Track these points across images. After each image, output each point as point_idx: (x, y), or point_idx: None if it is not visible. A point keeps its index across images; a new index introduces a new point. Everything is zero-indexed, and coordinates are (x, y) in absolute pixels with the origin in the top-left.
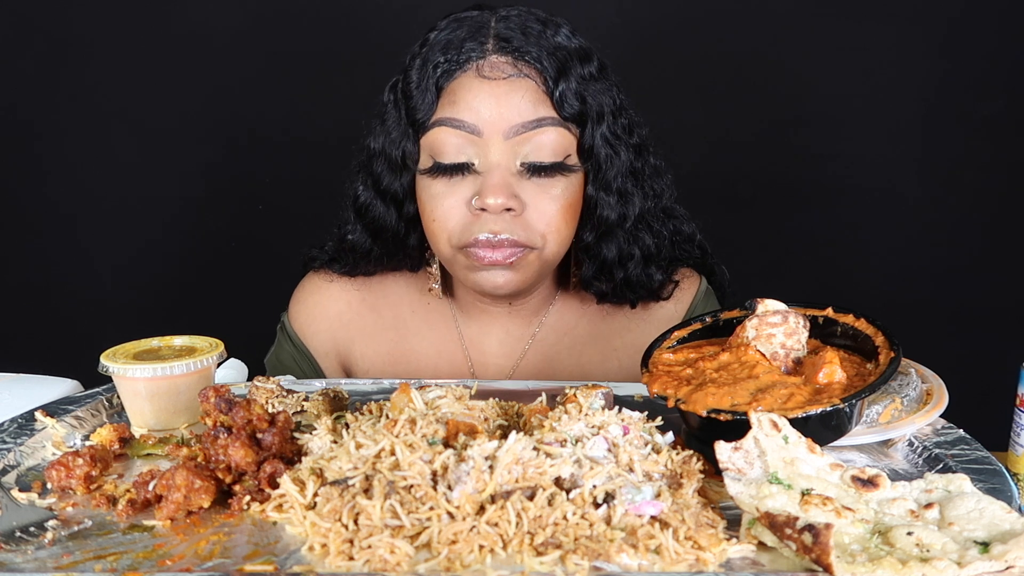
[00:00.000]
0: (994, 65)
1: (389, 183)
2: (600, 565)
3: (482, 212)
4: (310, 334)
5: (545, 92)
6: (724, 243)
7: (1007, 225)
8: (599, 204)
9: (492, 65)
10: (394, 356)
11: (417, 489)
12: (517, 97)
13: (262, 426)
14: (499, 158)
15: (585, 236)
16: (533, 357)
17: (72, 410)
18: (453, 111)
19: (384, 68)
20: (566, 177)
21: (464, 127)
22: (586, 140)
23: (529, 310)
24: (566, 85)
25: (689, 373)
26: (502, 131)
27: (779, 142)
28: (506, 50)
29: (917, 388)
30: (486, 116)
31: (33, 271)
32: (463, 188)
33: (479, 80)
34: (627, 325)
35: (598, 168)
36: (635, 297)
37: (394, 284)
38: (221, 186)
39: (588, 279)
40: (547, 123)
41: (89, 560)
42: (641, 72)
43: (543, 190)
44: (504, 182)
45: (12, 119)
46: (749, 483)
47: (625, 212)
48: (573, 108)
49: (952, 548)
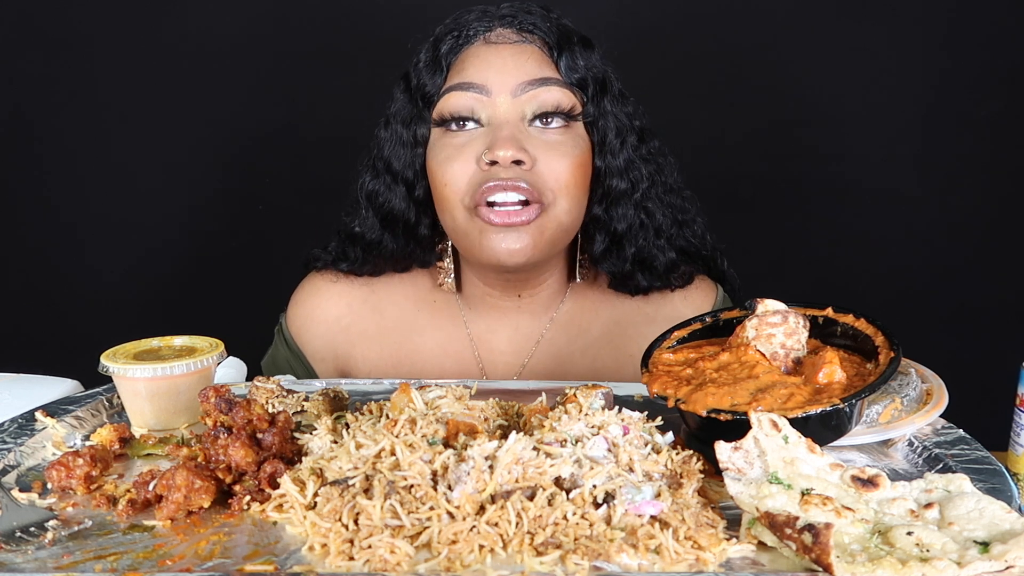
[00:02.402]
0: (994, 65)
1: (400, 164)
2: (600, 565)
3: (492, 166)
4: (306, 338)
5: (549, 57)
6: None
7: (1007, 225)
8: (607, 172)
9: (498, 35)
10: (398, 357)
11: (417, 489)
12: (523, 58)
13: (262, 426)
14: (508, 115)
15: (595, 208)
16: (543, 357)
17: (72, 410)
18: (461, 77)
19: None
20: (574, 139)
21: (473, 88)
22: (590, 108)
23: (539, 305)
24: (569, 54)
25: (689, 373)
26: (510, 88)
27: (779, 142)
28: (511, 24)
29: (917, 388)
30: (493, 76)
31: (33, 271)
32: (472, 146)
33: (486, 46)
34: (642, 330)
35: (604, 137)
36: (648, 279)
37: (399, 283)
38: (221, 186)
39: (600, 255)
40: (552, 82)
41: (89, 560)
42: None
43: (553, 147)
44: (513, 136)
45: (12, 119)
46: (749, 483)
47: (633, 181)
48: (577, 74)
49: (952, 548)
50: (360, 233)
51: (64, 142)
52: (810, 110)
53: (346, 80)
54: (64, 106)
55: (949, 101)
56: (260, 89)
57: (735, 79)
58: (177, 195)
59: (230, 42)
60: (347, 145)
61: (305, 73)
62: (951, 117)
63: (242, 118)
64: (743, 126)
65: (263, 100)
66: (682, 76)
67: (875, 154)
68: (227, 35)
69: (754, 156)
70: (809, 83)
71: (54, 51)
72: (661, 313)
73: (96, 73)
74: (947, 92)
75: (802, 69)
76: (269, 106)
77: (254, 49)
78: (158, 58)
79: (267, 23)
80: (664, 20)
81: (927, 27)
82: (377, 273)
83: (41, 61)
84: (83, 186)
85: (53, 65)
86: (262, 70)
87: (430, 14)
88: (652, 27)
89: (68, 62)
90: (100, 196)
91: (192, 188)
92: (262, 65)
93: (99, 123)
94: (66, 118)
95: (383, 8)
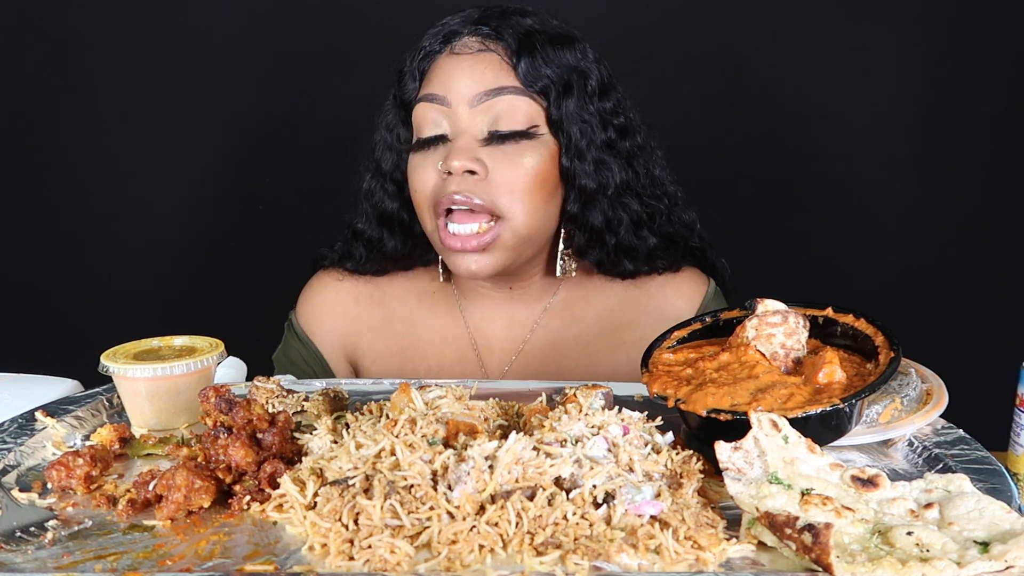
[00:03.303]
0: (994, 65)
1: (388, 166)
2: (600, 565)
3: (448, 176)
4: (317, 331)
5: (509, 64)
6: (724, 243)
7: (1007, 225)
8: (576, 174)
9: (464, 44)
10: (401, 347)
11: (417, 489)
12: (481, 67)
13: (262, 426)
14: (466, 125)
15: (569, 207)
16: (538, 343)
17: (72, 410)
18: (428, 88)
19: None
20: (534, 147)
21: (436, 99)
22: (552, 112)
23: (531, 295)
24: (529, 60)
25: (689, 373)
26: (467, 100)
27: (779, 142)
28: (479, 32)
29: (917, 388)
30: (453, 87)
31: (33, 271)
32: (435, 156)
33: (450, 57)
34: (637, 319)
35: (569, 139)
36: (634, 264)
37: (402, 279)
38: (221, 186)
39: (582, 248)
40: (509, 91)
41: (89, 560)
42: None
43: (509, 158)
44: (467, 146)
45: (13, 119)
46: (749, 483)
47: (603, 181)
48: (536, 78)
49: (952, 548)
50: (362, 230)
51: (64, 142)
52: (810, 110)
53: (346, 80)
54: (64, 106)
55: (949, 101)
56: (260, 89)
57: (735, 79)
58: (177, 195)
59: (230, 42)
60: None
61: (305, 73)
62: (951, 117)
63: (242, 118)
64: (743, 126)
65: (263, 100)
66: (682, 76)
67: (875, 154)
68: (227, 35)
69: (754, 156)
70: (809, 83)
71: (54, 51)
72: (653, 303)
73: (96, 73)
74: (947, 92)
75: (802, 69)
76: (269, 106)
77: (254, 49)
78: (158, 58)
79: (267, 23)
80: (664, 20)
81: (927, 27)
82: (382, 273)
83: (42, 61)
84: (83, 186)
85: (53, 65)
86: (262, 70)
87: (430, 14)
88: (652, 27)
89: (68, 62)
90: (100, 196)
91: (192, 188)
92: (262, 65)
93: (99, 123)
94: (66, 118)
95: (383, 8)
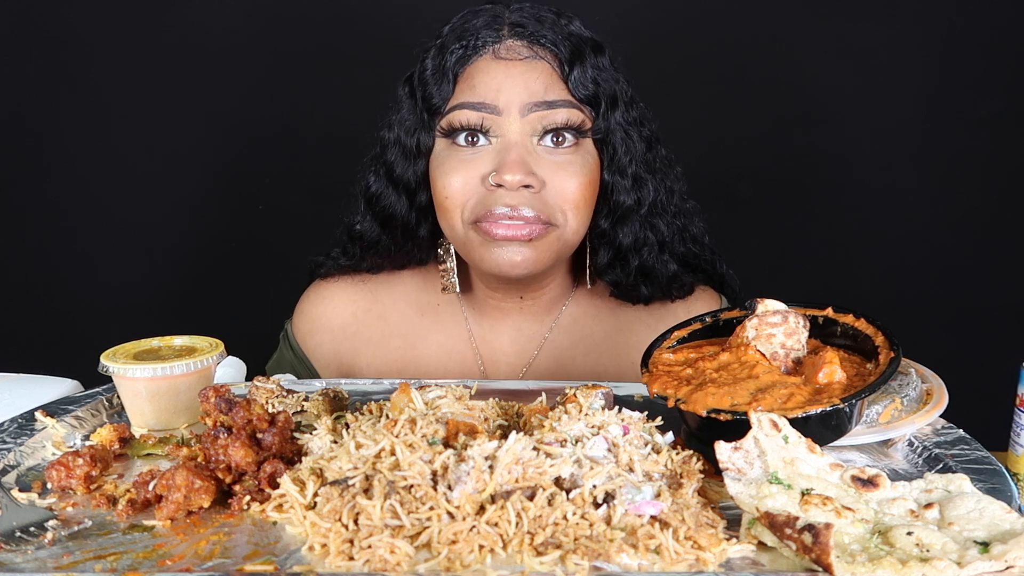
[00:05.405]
0: (994, 65)
1: (402, 171)
2: (600, 565)
3: (498, 188)
4: (312, 345)
5: (559, 75)
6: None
7: (1007, 225)
8: (615, 189)
9: (508, 48)
10: (402, 362)
11: (417, 489)
12: (532, 77)
13: (262, 426)
14: (517, 136)
15: (601, 222)
16: (545, 359)
17: (72, 410)
18: (471, 95)
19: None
20: (583, 159)
21: (484, 108)
22: (600, 124)
23: (542, 307)
24: (580, 69)
25: (689, 373)
26: (519, 108)
27: (779, 142)
28: (522, 35)
29: (917, 388)
30: (503, 95)
31: (33, 271)
32: (479, 163)
33: (496, 62)
34: (644, 339)
35: (613, 152)
36: (650, 290)
37: (402, 287)
38: (221, 186)
39: (603, 267)
40: (560, 104)
41: (89, 560)
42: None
43: (561, 167)
44: (522, 159)
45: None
46: (749, 483)
47: (640, 197)
48: (587, 91)
49: (952, 548)
50: (360, 232)
51: (64, 142)
52: (810, 110)
53: (346, 80)
54: (64, 106)
55: (949, 101)
56: (260, 89)
57: (735, 79)
58: (177, 195)
59: (230, 42)
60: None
61: (305, 73)
62: (951, 117)
63: (242, 118)
64: (743, 126)
65: (263, 100)
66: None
67: (875, 154)
68: (227, 35)
69: (755, 156)
70: (809, 83)
71: (54, 51)
72: (664, 323)
73: (97, 74)
74: (947, 92)
75: (802, 69)
76: (269, 106)
77: (254, 49)
78: (158, 58)
79: (267, 23)
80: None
81: (927, 27)
82: (375, 270)
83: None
84: (83, 186)
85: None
86: (262, 70)
87: (430, 14)
88: (651, 28)
89: (68, 62)
90: (100, 196)
91: (192, 188)
92: (262, 65)
93: (99, 123)
94: (67, 118)
95: (383, 8)
